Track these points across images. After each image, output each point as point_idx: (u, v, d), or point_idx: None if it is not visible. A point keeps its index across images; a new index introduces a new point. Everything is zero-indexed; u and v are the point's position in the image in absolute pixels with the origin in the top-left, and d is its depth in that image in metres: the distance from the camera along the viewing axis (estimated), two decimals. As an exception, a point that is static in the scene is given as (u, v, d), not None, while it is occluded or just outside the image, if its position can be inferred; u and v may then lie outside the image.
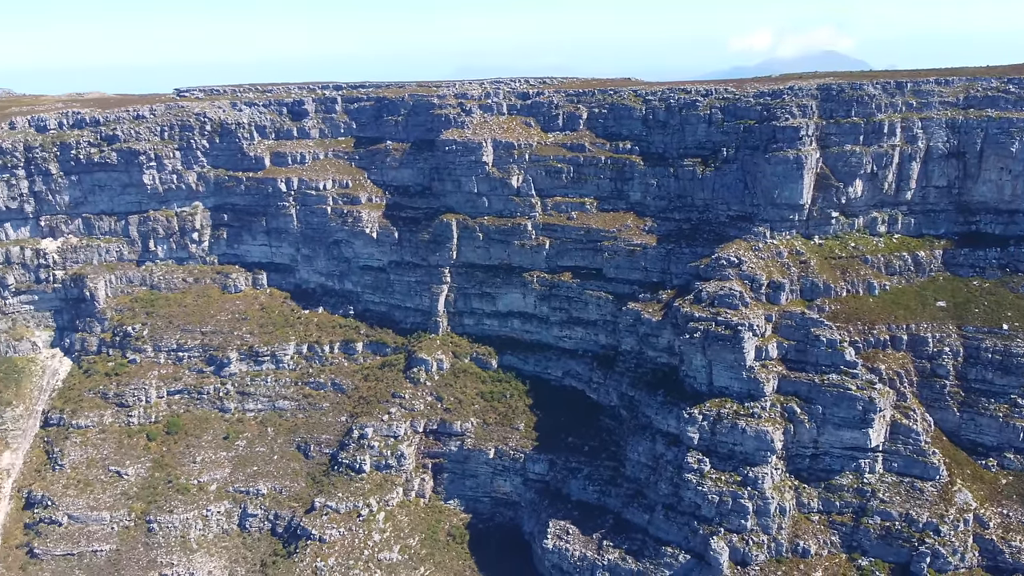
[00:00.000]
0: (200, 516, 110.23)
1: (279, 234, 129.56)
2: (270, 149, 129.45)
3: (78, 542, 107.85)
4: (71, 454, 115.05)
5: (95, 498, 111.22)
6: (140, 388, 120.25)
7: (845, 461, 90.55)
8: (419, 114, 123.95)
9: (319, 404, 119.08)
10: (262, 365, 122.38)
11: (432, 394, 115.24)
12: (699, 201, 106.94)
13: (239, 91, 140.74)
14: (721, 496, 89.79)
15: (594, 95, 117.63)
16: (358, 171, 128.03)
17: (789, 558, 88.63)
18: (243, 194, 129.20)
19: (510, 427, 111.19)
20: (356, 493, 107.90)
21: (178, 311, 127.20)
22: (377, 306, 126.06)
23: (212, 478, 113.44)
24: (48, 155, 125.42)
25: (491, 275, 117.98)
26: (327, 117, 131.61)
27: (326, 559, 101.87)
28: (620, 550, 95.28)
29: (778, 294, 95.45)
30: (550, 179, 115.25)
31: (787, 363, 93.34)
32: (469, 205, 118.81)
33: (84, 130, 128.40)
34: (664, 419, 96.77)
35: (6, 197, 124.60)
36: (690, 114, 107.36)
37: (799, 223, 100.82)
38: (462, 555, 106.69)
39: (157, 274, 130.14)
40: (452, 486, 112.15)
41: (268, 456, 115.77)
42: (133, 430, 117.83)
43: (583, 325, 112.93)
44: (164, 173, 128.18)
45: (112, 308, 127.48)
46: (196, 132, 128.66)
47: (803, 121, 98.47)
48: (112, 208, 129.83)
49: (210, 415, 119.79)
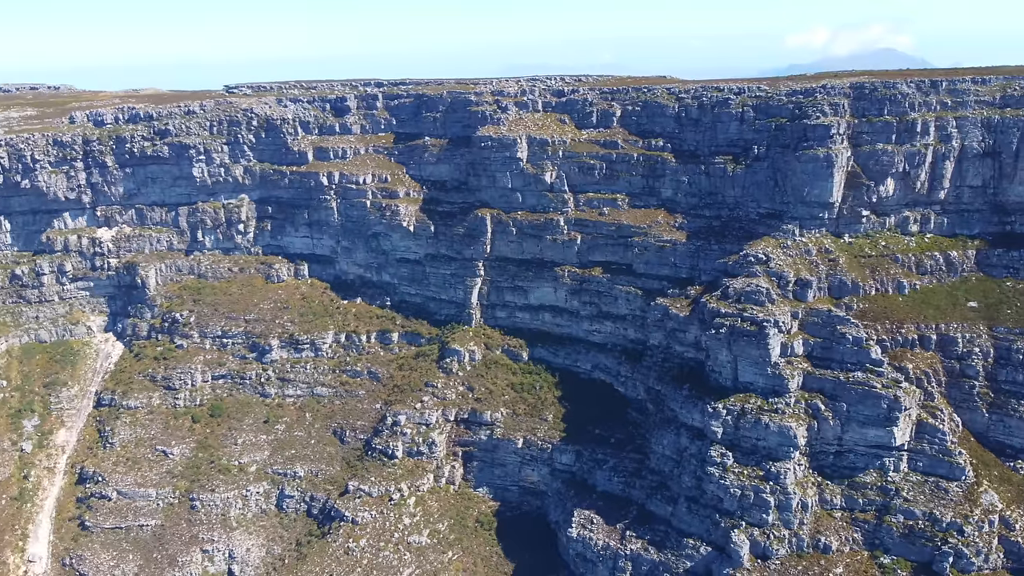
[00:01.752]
0: (240, 496, 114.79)
1: (320, 226, 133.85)
2: (313, 144, 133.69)
3: (126, 516, 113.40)
4: (121, 433, 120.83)
5: (142, 475, 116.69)
6: (186, 372, 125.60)
7: (869, 459, 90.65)
8: (456, 111, 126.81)
9: (355, 391, 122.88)
10: (302, 353, 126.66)
11: (464, 384, 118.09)
12: (729, 198, 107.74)
13: (285, 87, 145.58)
14: (743, 490, 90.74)
15: (628, 93, 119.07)
16: (397, 166, 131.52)
17: (810, 553, 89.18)
18: (287, 187, 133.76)
19: (539, 418, 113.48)
20: (388, 478, 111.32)
21: (223, 299, 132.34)
22: (413, 298, 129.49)
23: (252, 460, 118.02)
24: (105, 148, 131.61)
25: (523, 269, 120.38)
26: (368, 113, 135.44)
27: (358, 540, 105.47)
28: (643, 540, 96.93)
29: (805, 291, 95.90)
30: (583, 175, 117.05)
31: (812, 360, 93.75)
32: (503, 200, 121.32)
33: (138, 124, 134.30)
34: (689, 413, 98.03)
35: (65, 188, 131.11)
36: (722, 112, 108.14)
37: (829, 221, 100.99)
38: (489, 541, 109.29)
39: (204, 263, 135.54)
40: (481, 474, 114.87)
41: (306, 440, 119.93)
42: (179, 412, 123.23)
43: (612, 319, 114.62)
44: (212, 166, 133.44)
45: (162, 295, 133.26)
46: (243, 127, 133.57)
47: (834, 119, 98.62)
48: (163, 199, 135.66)
49: (251, 399, 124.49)
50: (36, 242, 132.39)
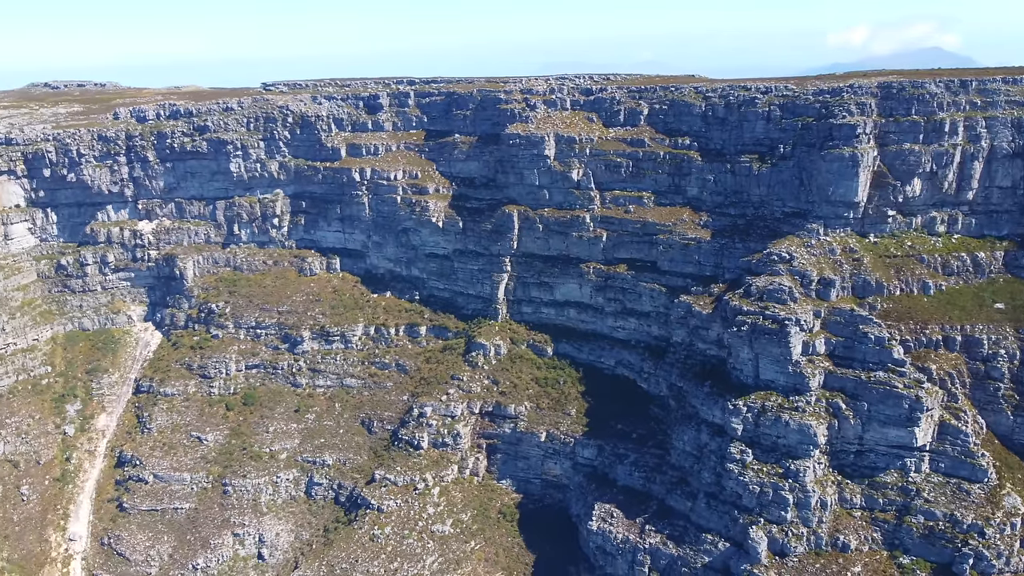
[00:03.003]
0: (271, 482, 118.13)
1: (352, 221, 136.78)
2: (346, 141, 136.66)
3: (161, 499, 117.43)
4: (158, 419, 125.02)
5: (178, 460, 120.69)
6: (221, 361, 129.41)
7: (890, 459, 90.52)
8: (486, 109, 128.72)
9: (383, 383, 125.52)
10: (332, 344, 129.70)
11: (489, 378, 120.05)
12: (755, 197, 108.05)
13: (320, 85, 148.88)
14: (762, 487, 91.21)
15: (656, 91, 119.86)
16: (427, 163, 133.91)
17: (828, 552, 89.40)
18: (320, 183, 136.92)
19: (562, 412, 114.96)
20: (414, 468, 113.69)
21: (258, 291, 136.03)
22: (441, 292, 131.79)
23: (283, 447, 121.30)
24: (146, 143, 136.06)
25: (549, 265, 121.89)
26: (400, 111, 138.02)
27: (383, 528, 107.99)
28: (662, 535, 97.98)
29: (828, 290, 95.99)
30: (609, 173, 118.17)
31: (834, 359, 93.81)
32: (531, 197, 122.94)
33: (179, 121, 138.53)
34: (710, 410, 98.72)
35: (108, 182, 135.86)
36: (748, 111, 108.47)
37: (854, 221, 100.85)
38: (511, 532, 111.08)
39: (240, 256, 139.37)
40: (505, 466, 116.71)
41: (334, 429, 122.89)
42: (213, 400, 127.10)
43: (636, 316, 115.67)
44: (249, 162, 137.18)
45: (199, 286, 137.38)
46: (279, 124, 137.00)
47: (861, 119, 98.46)
48: (201, 194, 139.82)
49: (283, 389, 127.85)
50: (81, 234, 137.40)
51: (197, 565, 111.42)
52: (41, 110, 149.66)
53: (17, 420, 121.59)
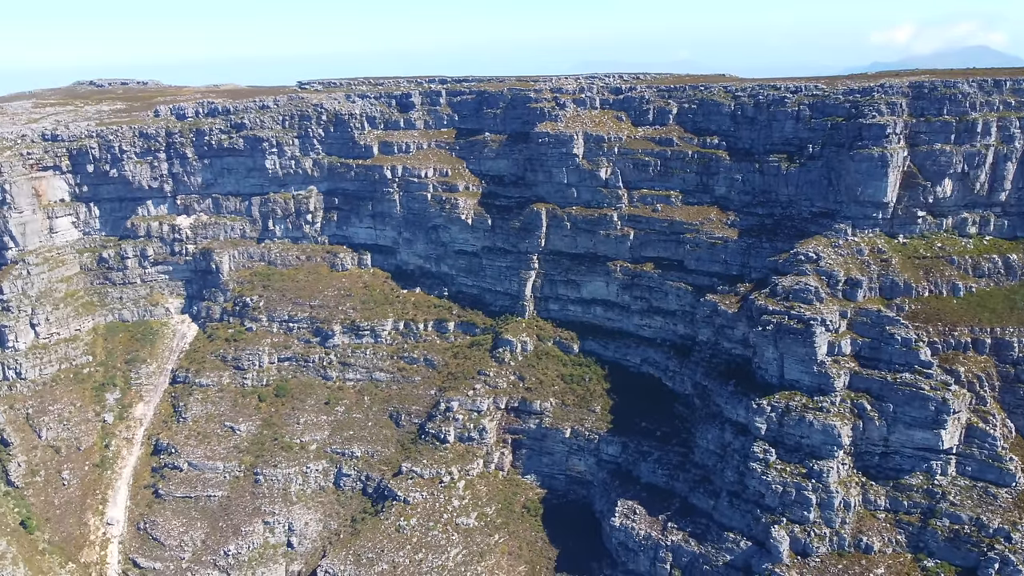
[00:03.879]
0: (300, 472, 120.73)
1: (383, 218, 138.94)
2: (378, 138, 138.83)
3: (195, 487, 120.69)
4: (193, 409, 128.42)
5: (211, 449, 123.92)
6: (254, 354, 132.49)
7: (916, 461, 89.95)
8: (516, 107, 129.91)
9: (411, 377, 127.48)
10: (362, 339, 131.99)
11: (515, 374, 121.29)
12: (783, 197, 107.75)
13: (354, 84, 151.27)
14: (785, 487, 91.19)
15: (685, 91, 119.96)
16: (457, 160, 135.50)
17: (851, 553, 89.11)
18: (353, 180, 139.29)
19: (587, 409, 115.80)
20: (440, 461, 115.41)
21: (291, 285, 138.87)
22: (469, 289, 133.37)
23: (313, 439, 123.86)
24: (185, 140, 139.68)
25: (576, 263, 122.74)
26: (432, 109, 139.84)
27: (409, 519, 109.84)
28: (684, 532, 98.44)
29: (855, 291, 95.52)
30: (637, 172, 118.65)
31: (860, 360, 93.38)
32: (559, 195, 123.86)
33: (216, 118, 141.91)
34: (734, 408, 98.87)
35: (149, 177, 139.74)
36: (778, 110, 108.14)
37: (883, 221, 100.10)
38: (535, 527, 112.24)
39: (274, 251, 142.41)
40: (530, 462, 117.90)
41: (363, 422, 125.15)
42: (246, 391, 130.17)
43: (663, 315, 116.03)
44: (284, 159, 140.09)
45: (234, 280, 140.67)
46: (313, 122, 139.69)
47: (890, 119, 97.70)
48: (238, 190, 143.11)
49: (314, 382, 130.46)
50: (121, 228, 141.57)
51: (228, 551, 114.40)
52: (86, 107, 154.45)
53: (59, 407, 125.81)
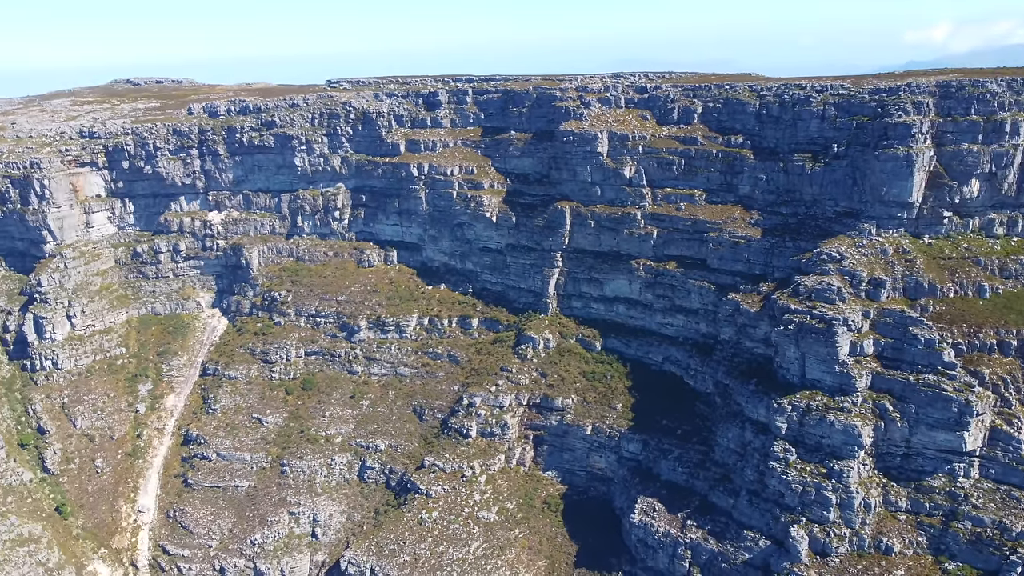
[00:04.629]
0: (326, 464, 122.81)
1: (409, 215, 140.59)
2: (405, 136, 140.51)
3: (223, 477, 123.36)
4: (222, 401, 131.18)
5: (239, 440, 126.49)
6: (282, 347, 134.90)
7: (938, 463, 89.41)
8: (542, 106, 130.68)
9: (435, 373, 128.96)
10: (388, 334, 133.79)
11: (537, 370, 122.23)
12: (807, 196, 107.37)
13: (382, 82, 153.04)
14: (805, 486, 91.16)
15: (710, 89, 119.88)
16: (483, 158, 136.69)
17: (871, 553, 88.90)
18: (380, 177, 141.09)
19: (608, 406, 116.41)
20: (462, 456, 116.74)
21: (318, 281, 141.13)
22: (493, 286, 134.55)
23: (338, 432, 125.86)
24: (217, 138, 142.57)
25: (600, 261, 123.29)
26: (458, 108, 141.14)
27: (430, 512, 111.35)
28: (703, 530, 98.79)
29: (878, 291, 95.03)
30: (661, 170, 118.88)
31: (882, 360, 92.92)
32: (583, 193, 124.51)
33: (248, 116, 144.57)
34: (754, 407, 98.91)
35: (182, 174, 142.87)
36: (803, 109, 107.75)
37: (908, 221, 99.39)
38: (555, 522, 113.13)
39: (302, 247, 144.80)
40: (551, 458, 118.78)
41: (387, 416, 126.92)
42: (274, 384, 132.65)
43: (685, 313, 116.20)
44: (313, 156, 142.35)
45: (263, 275, 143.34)
46: (342, 120, 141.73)
47: (917, 118, 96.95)
48: (267, 186, 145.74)
49: (340, 376, 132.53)
50: (155, 223, 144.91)
51: (255, 540, 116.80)
52: (122, 105, 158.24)
53: (94, 397, 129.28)
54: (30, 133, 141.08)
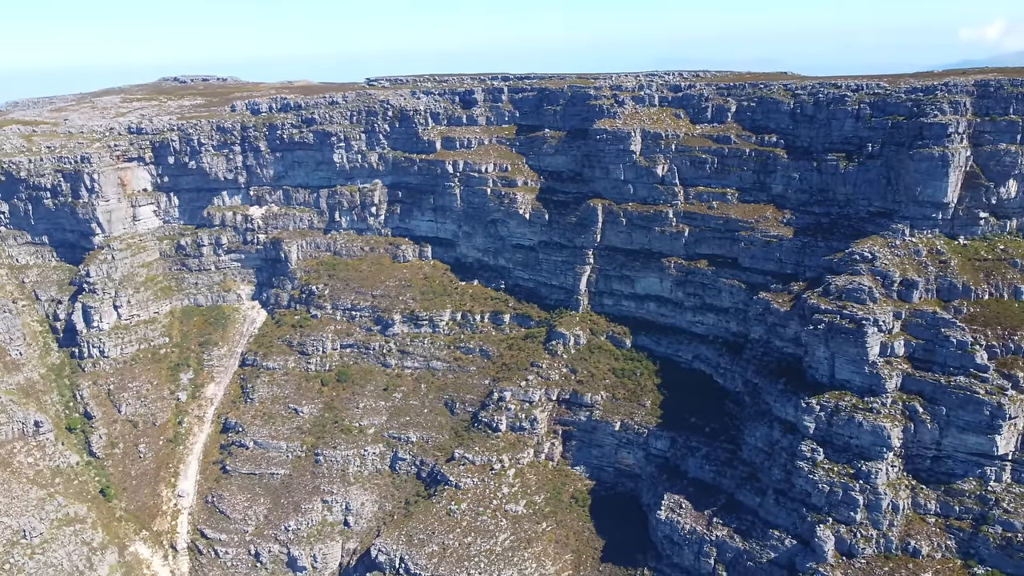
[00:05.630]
0: (358, 454, 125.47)
1: (444, 212, 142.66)
2: (441, 134, 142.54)
3: (259, 464, 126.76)
4: (260, 391, 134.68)
5: (276, 429, 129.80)
6: (319, 340, 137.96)
7: (969, 466, 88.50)
8: (576, 104, 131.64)
9: (467, 367, 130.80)
10: (421, 328, 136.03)
11: (567, 366, 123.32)
12: (840, 196, 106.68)
13: (419, 81, 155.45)
14: (832, 486, 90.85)
15: (744, 88, 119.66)
16: (517, 156, 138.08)
17: (898, 556, 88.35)
18: (416, 174, 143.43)
19: (637, 403, 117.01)
20: (491, 449, 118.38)
21: (354, 275, 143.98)
22: (525, 282, 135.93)
23: (371, 423, 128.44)
24: (259, 134, 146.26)
25: (631, 259, 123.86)
26: (494, 106, 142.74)
27: (459, 503, 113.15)
28: (729, 528, 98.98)
29: (911, 292, 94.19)
30: (694, 169, 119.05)
31: (913, 362, 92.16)
32: (615, 191, 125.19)
33: (288, 113, 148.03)
34: (783, 407, 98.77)
35: (225, 169, 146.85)
36: (837, 109, 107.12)
37: (943, 222, 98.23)
38: (583, 517, 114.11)
39: (340, 242, 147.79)
40: (579, 453, 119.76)
41: (419, 409, 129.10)
42: (310, 375, 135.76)
43: (715, 312, 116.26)
44: (351, 153, 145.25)
45: (301, 269, 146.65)
46: (379, 117, 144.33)
47: (953, 118, 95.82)
48: (307, 182, 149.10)
49: (374, 368, 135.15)
50: (198, 217, 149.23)
51: (289, 527, 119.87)
52: (168, 102, 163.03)
53: (138, 385, 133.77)
54: (81, 129, 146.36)
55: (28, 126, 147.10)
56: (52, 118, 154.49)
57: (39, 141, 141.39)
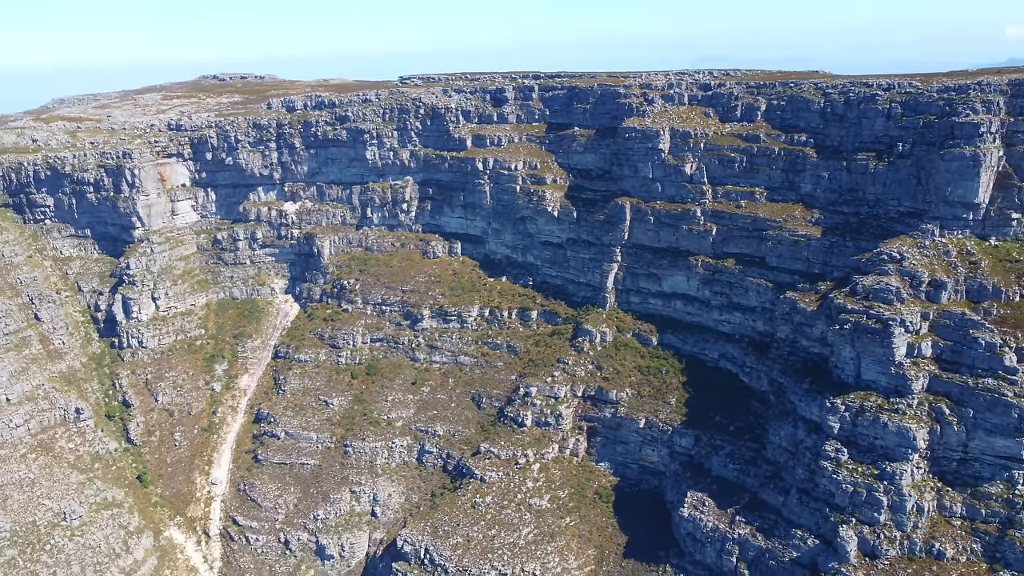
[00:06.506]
0: (386, 447, 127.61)
1: (474, 208, 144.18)
2: (472, 132, 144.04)
3: (290, 454, 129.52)
4: (292, 382, 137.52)
5: (306, 420, 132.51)
6: (349, 334, 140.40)
7: (996, 469, 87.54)
8: (606, 102, 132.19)
9: (494, 362, 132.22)
10: (449, 323, 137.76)
11: (593, 363, 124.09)
12: (870, 195, 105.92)
13: (451, 79, 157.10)
14: (856, 487, 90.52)
15: (774, 87, 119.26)
16: (547, 154, 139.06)
17: (922, 558, 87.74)
18: (446, 171, 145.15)
19: (662, 401, 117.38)
20: (516, 444, 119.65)
21: (385, 271, 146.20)
22: (553, 279, 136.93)
23: (399, 416, 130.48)
24: (294, 131, 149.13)
25: (658, 257, 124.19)
26: (524, 104, 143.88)
27: (484, 496, 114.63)
28: (751, 527, 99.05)
29: (939, 293, 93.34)
30: (723, 168, 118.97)
31: (941, 363, 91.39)
32: (643, 189, 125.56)
33: (323, 111, 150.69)
34: (807, 406, 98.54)
35: (260, 165, 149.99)
36: (868, 108, 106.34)
37: (973, 223, 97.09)
38: (606, 513, 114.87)
39: (371, 237, 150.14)
40: (604, 450, 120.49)
41: (446, 403, 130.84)
42: (340, 368, 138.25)
43: (742, 311, 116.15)
44: (383, 150, 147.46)
45: (333, 264, 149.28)
46: (411, 115, 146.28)
47: (985, 117, 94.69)
48: (340, 179, 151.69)
49: (402, 362, 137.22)
50: (234, 212, 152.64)
51: (318, 516, 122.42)
52: (207, 100, 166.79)
53: (174, 375, 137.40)
54: (123, 125, 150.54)
55: (73, 122, 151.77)
56: (96, 115, 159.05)
57: (83, 137, 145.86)
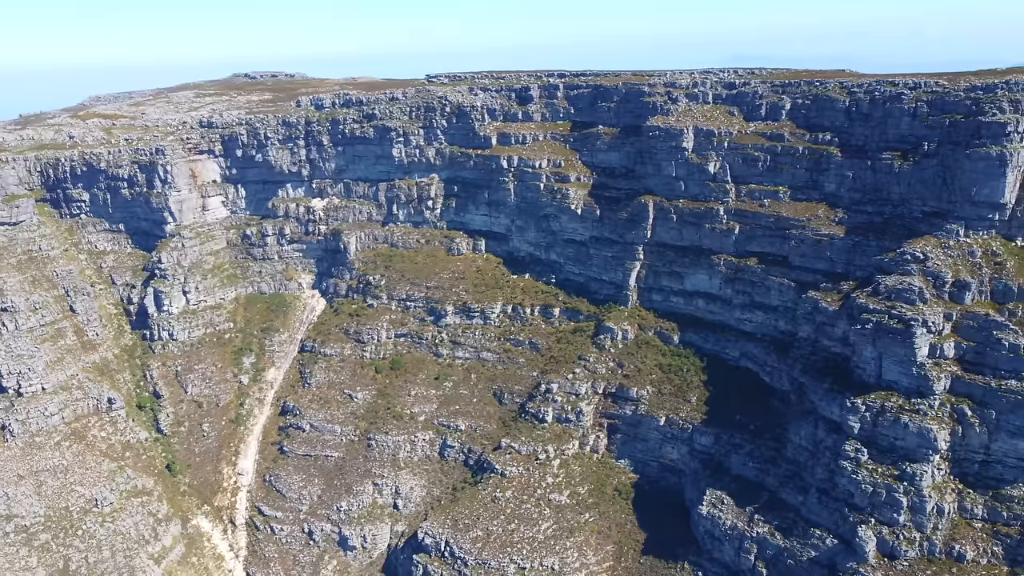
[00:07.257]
0: (409, 440, 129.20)
1: (498, 206, 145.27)
2: (497, 130, 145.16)
3: (315, 447, 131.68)
4: (317, 376, 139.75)
5: (331, 413, 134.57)
6: (374, 329, 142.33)
7: (1019, 472, 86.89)
8: (630, 101, 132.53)
9: (516, 359, 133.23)
10: (473, 320, 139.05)
11: (615, 360, 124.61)
12: (894, 195, 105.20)
13: (477, 77, 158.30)
14: (875, 487, 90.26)
15: (799, 86, 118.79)
16: (571, 152, 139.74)
17: (942, 559, 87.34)
18: (471, 169, 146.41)
19: (683, 399, 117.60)
20: (537, 439, 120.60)
21: (410, 267, 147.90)
22: (576, 277, 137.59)
23: (422, 410, 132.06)
24: (322, 129, 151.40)
25: (681, 255, 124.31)
26: (549, 102, 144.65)
27: (504, 491, 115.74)
28: (770, 525, 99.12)
29: (963, 293, 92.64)
30: (746, 166, 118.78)
31: (963, 364, 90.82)
32: (667, 188, 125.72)
33: (350, 109, 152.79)
34: (828, 406, 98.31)
35: (289, 162, 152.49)
36: (894, 107, 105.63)
37: (999, 223, 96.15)
38: (625, 509, 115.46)
39: (397, 234, 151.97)
40: (624, 447, 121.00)
41: (469, 398, 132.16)
42: (365, 362, 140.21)
43: (764, 310, 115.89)
44: (409, 148, 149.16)
45: (359, 260, 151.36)
46: (438, 113, 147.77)
47: (1012, 116, 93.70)
48: (366, 176, 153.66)
49: (426, 358, 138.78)
50: (263, 208, 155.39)
51: (341, 507, 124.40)
52: (238, 98, 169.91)
53: (203, 367, 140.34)
54: (157, 122, 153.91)
55: (108, 119, 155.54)
56: (130, 112, 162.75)
57: (118, 134, 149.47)
